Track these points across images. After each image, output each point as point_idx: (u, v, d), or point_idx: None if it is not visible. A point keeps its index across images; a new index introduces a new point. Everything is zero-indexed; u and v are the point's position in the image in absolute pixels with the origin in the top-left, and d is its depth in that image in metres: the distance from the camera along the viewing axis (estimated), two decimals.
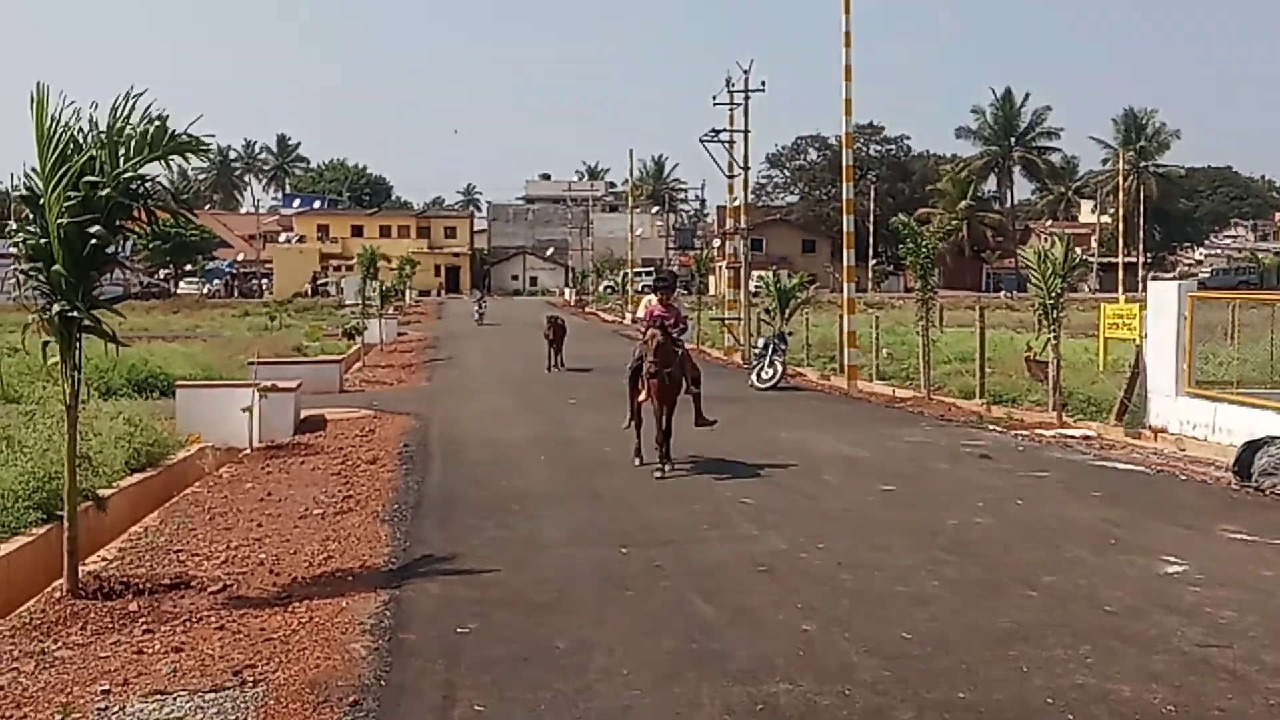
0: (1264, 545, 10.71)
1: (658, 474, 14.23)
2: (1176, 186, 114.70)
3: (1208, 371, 19.31)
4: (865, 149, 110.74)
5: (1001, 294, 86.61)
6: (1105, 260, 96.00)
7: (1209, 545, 10.73)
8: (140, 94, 8.92)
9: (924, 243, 27.34)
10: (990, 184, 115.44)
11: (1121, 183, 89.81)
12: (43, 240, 8.87)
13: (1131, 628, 8.04)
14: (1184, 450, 17.04)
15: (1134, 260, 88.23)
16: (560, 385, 27.52)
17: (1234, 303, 21.90)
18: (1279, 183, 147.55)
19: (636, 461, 15.05)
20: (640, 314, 16.89)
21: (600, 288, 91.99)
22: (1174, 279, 23.81)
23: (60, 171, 8.75)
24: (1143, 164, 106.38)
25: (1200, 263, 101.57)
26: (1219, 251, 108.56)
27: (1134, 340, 21.88)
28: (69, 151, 8.78)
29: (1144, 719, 6.35)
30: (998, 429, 19.70)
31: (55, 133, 8.81)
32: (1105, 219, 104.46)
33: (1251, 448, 14.14)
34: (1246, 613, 8.43)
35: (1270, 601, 8.75)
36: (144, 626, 8.12)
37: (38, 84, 8.91)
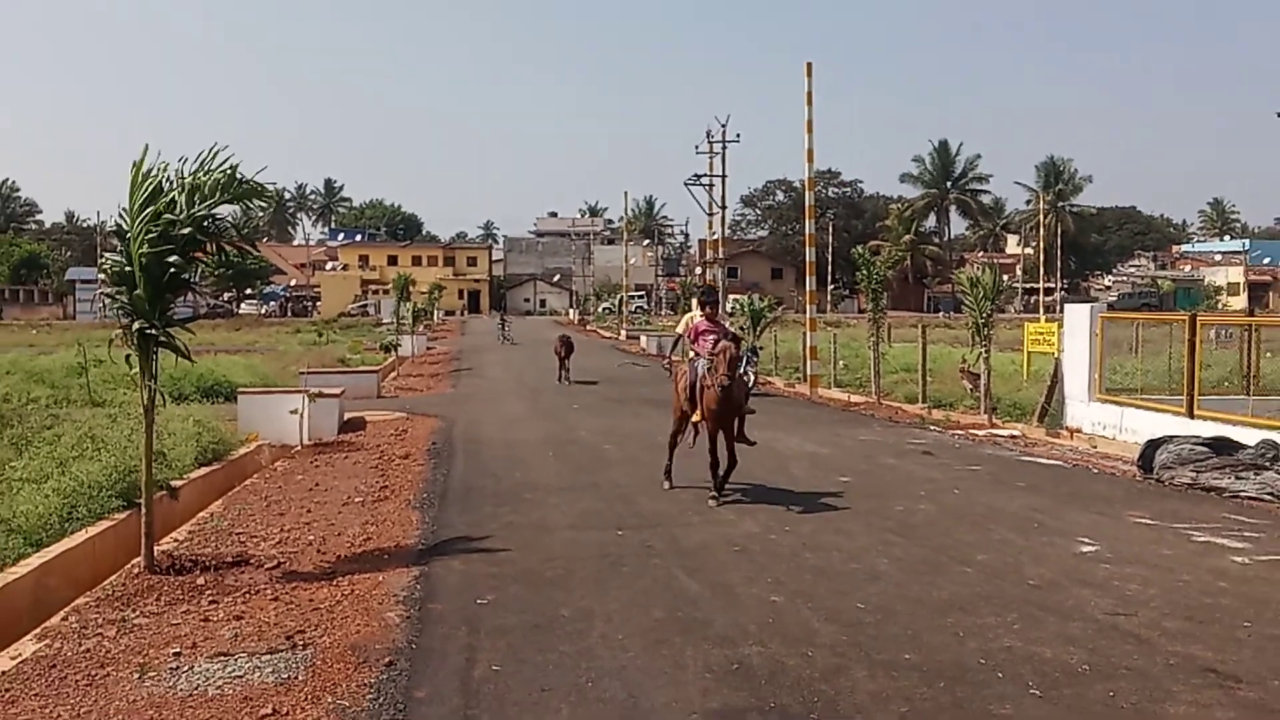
0: (1164, 529, 10.72)
1: (712, 503, 11.79)
2: (1088, 223, 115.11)
3: (1115, 380, 19.35)
4: (825, 191, 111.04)
5: (940, 314, 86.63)
6: (1028, 286, 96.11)
7: (1117, 529, 10.74)
8: (219, 149, 9.10)
9: (875, 271, 27.46)
10: (930, 221, 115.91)
11: (1042, 220, 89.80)
12: (127, 268, 8.94)
13: (1052, 599, 8.06)
14: (1096, 448, 17.08)
15: (1053, 286, 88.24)
16: (566, 394, 27.55)
17: (1137, 322, 21.93)
18: (1176, 220, 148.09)
19: (667, 484, 12.84)
20: (680, 330, 14.01)
21: (599, 309, 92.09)
22: (1086, 302, 23.90)
23: (145, 211, 8.84)
24: (1060, 204, 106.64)
25: (1109, 288, 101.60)
26: (1125, 278, 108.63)
27: (1053, 354, 21.89)
28: (154, 195, 8.88)
29: (1063, 677, 6.37)
30: (938, 429, 19.72)
31: (145, 179, 8.90)
32: (1028, 251, 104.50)
33: (1153, 445, 14.17)
34: (1149, 586, 8.44)
35: (1169, 576, 8.75)
36: (210, 598, 8.14)
37: (145, 146, 9.07)
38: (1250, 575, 8.86)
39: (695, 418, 12.09)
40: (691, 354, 12.51)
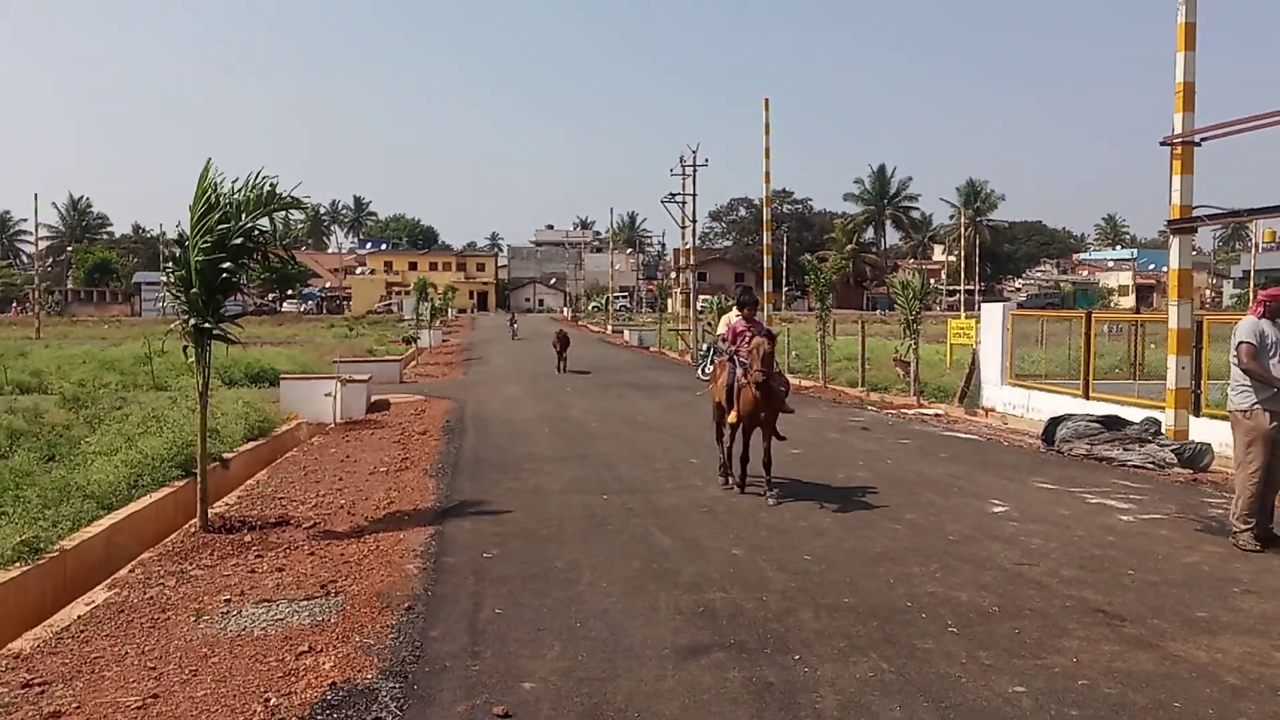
0: (1062, 492, 10.78)
1: (772, 500, 10.02)
2: (1002, 235, 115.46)
3: (1024, 368, 19.44)
4: (780, 207, 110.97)
5: (877, 312, 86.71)
6: (951, 288, 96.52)
7: (1024, 492, 10.80)
8: (263, 170, 9.15)
9: (822, 276, 27.55)
10: (869, 233, 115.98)
11: (962, 232, 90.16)
12: (186, 272, 8.92)
13: (968, 551, 8.10)
14: (1007, 424, 17.18)
15: (972, 288, 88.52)
16: (560, 380, 27.50)
17: (1042, 319, 22.04)
18: (1075, 232, 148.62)
19: (722, 481, 11.06)
20: (721, 330, 12.60)
21: (589, 307, 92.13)
22: (1000, 302, 24.00)
23: (202, 223, 8.85)
24: (978, 219, 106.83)
25: (1019, 290, 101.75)
26: (1032, 282, 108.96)
27: (971, 345, 21.97)
28: (210, 209, 8.88)
29: (976, 617, 6.41)
30: (874, 409, 19.79)
31: (203, 196, 8.92)
32: (951, 258, 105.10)
33: (1054, 422, 14.25)
34: (1049, 540, 8.50)
35: (1067, 532, 8.81)
36: (255, 553, 8.13)
37: (207, 160, 9.08)
38: (1134, 531, 8.93)
39: (731, 418, 10.44)
40: (730, 354, 10.85)
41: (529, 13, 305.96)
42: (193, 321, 8.96)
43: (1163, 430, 13.32)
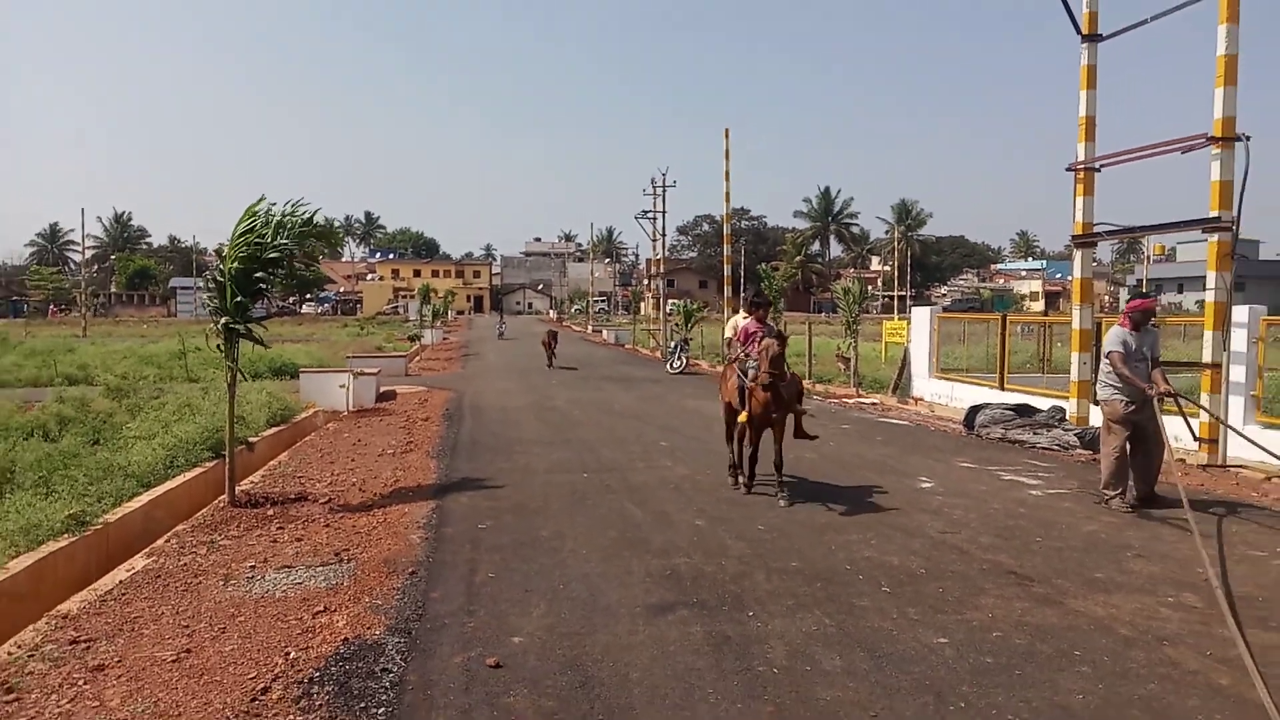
0: (981, 470, 10.87)
1: (783, 502, 8.77)
2: (930, 248, 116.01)
3: (948, 362, 19.58)
4: (739, 223, 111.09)
5: (822, 315, 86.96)
6: (886, 294, 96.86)
7: (948, 470, 10.87)
8: (302, 200, 9.14)
9: (774, 283, 27.70)
10: (816, 246, 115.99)
11: (896, 245, 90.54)
12: (222, 279, 8.87)
13: (899, 522, 8.14)
14: (934, 412, 17.28)
15: (904, 294, 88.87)
16: (547, 374, 27.39)
17: (964, 321, 22.21)
18: (994, 245, 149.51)
19: (732, 481, 9.70)
20: (729, 333, 10.77)
21: (572, 310, 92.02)
22: (928, 306, 24.19)
23: (242, 238, 8.83)
24: (909, 234, 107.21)
25: (944, 295, 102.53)
26: (956, 289, 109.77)
27: (903, 343, 22.09)
28: (251, 227, 8.86)
29: (906, 578, 6.45)
30: (819, 398, 19.83)
31: (249, 216, 8.91)
32: (886, 268, 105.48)
33: (974, 410, 14.35)
34: (969, 512, 8.56)
35: (984, 505, 8.88)
36: (277, 525, 8.05)
37: (262, 196, 9.12)
38: (1042, 504, 9.01)
39: (742, 418, 9.21)
40: (741, 357, 9.54)
41: (521, 52, 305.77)
42: (223, 322, 8.89)
43: (1067, 417, 13.45)
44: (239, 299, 8.78)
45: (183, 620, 5.64)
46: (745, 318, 9.99)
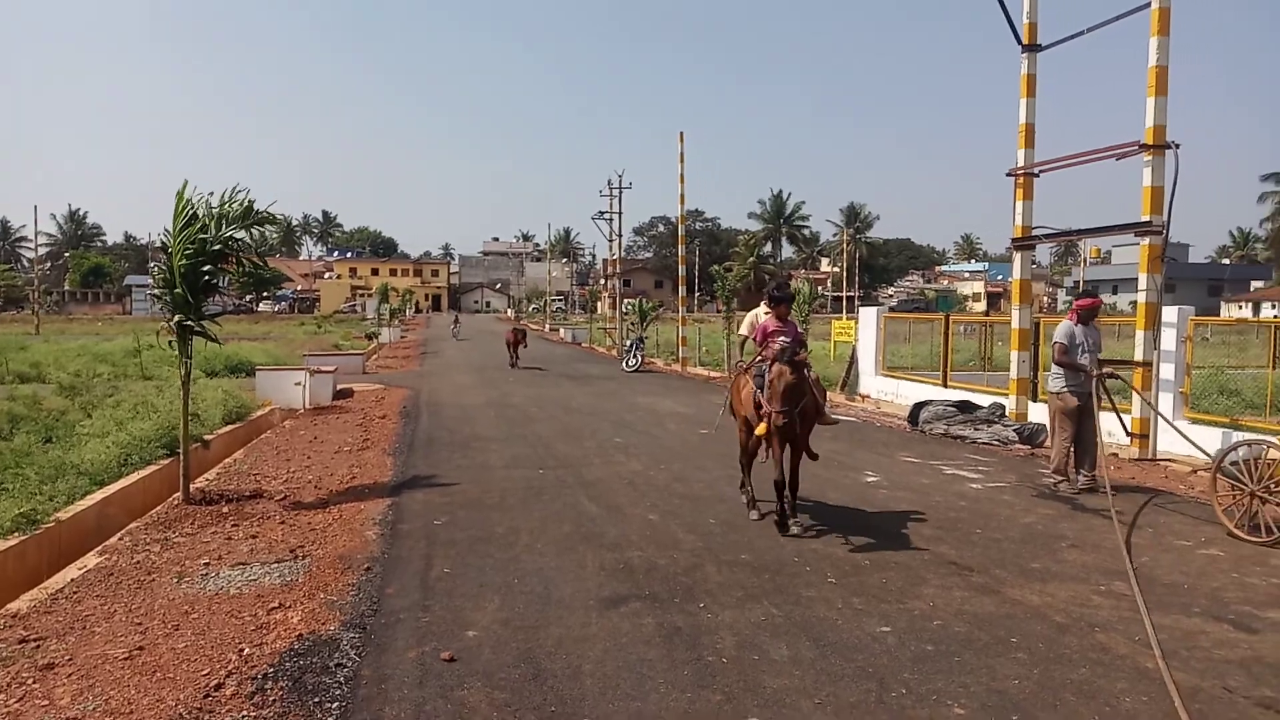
0: (924, 465, 11.02)
1: (795, 529, 7.46)
2: (878, 250, 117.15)
3: (894, 360, 19.82)
4: (693, 225, 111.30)
5: None
6: (835, 294, 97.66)
7: (892, 464, 11.01)
8: (239, 186, 8.91)
9: (727, 283, 27.83)
10: (768, 247, 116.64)
11: (845, 247, 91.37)
12: (169, 275, 8.67)
13: (846, 515, 8.23)
14: (880, 408, 17.47)
15: (852, 294, 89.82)
16: (504, 370, 27.23)
17: (909, 320, 22.50)
18: (938, 248, 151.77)
19: (754, 515, 8.10)
20: (744, 331, 9.26)
21: (530, 309, 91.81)
22: (875, 306, 24.51)
23: (184, 232, 8.61)
24: (858, 236, 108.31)
25: (891, 296, 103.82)
26: (902, 289, 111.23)
27: (851, 342, 22.31)
28: (191, 220, 8.64)
29: (851, 569, 6.52)
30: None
31: (185, 208, 8.68)
32: (835, 269, 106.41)
33: (918, 406, 14.55)
34: (913, 505, 8.68)
35: (927, 498, 9.02)
36: (232, 522, 7.91)
37: (185, 181, 8.83)
38: (982, 497, 9.17)
39: (759, 430, 7.70)
40: (757, 361, 8.11)
41: (478, 55, 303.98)
42: (176, 319, 8.71)
43: (1006, 413, 13.70)
44: (188, 296, 8.59)
45: (135, 618, 5.52)
46: (766, 313, 8.44)
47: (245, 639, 5.15)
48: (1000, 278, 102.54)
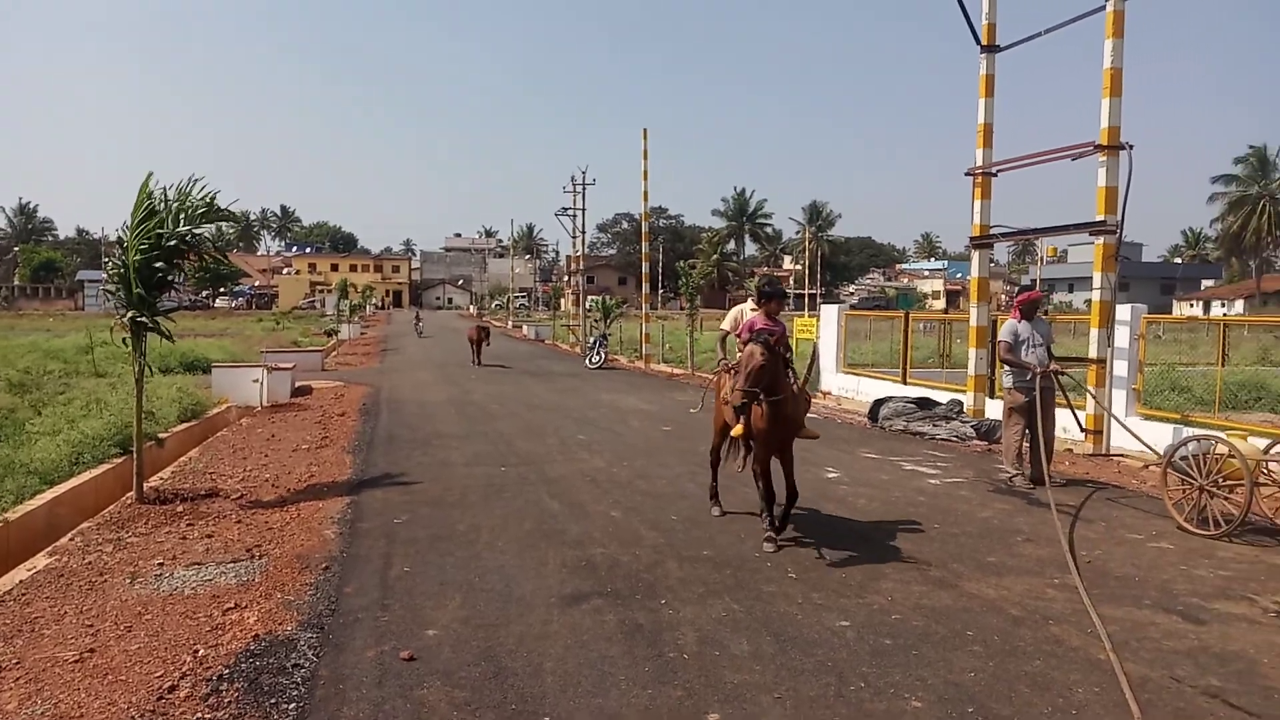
0: (884, 461, 11.13)
1: (768, 544, 6.88)
2: (839, 248, 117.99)
3: (854, 358, 20.00)
4: (657, 222, 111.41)
5: None
6: (797, 292, 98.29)
7: (853, 461, 11.10)
8: (197, 177, 8.71)
9: (691, 280, 27.84)
10: (731, 245, 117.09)
11: (807, 245, 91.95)
12: (124, 271, 8.50)
13: (806, 510, 8.24)
14: (841, 405, 17.62)
15: (814, 292, 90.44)
16: (465, 367, 27.06)
17: (870, 318, 22.69)
18: (899, 246, 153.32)
19: (716, 510, 8.07)
20: (727, 326, 8.57)
21: (493, 305, 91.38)
22: (836, 304, 24.68)
23: (141, 227, 8.44)
24: (820, 234, 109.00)
25: (852, 294, 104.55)
26: (863, 287, 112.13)
27: (813, 339, 22.47)
28: (150, 214, 8.48)
29: (811, 564, 6.56)
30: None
31: (144, 202, 8.50)
32: (797, 267, 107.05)
33: (878, 403, 14.70)
34: (872, 501, 8.77)
35: (886, 493, 9.10)
36: (187, 521, 7.78)
37: (148, 174, 8.66)
38: (940, 492, 9.28)
39: (735, 432, 7.26)
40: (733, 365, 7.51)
41: (440, 52, 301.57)
42: (129, 315, 8.54)
43: (964, 409, 13.88)
44: (142, 291, 8.43)
45: (86, 620, 5.41)
46: (753, 309, 7.90)
47: (200, 640, 5.07)
48: (959, 276, 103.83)
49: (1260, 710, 4.30)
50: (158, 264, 8.54)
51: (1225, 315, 54.09)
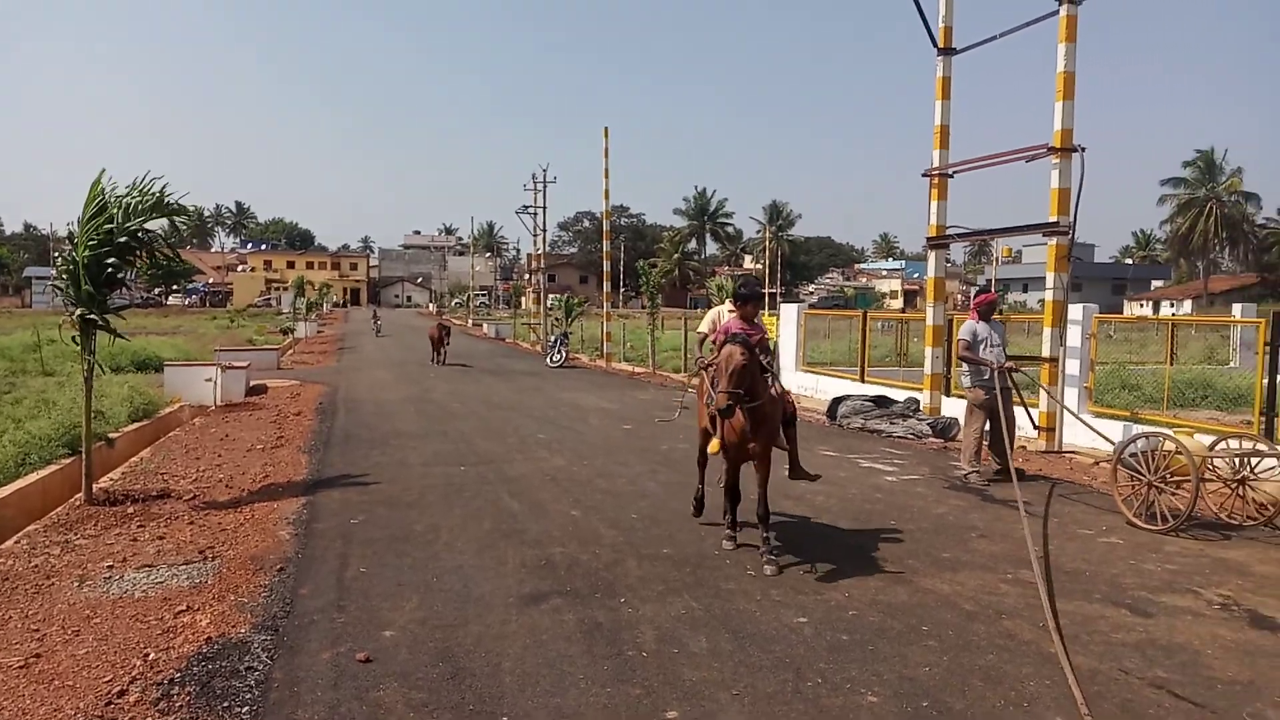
0: (842, 458, 11.23)
1: (770, 569, 6.32)
2: (799, 248, 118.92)
3: (814, 356, 20.15)
4: (618, 220, 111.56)
5: (698, 310, 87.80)
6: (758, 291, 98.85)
7: (812, 458, 11.06)
8: (152, 175, 8.58)
9: (652, 279, 27.82)
10: (692, 244, 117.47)
11: (767, 245, 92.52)
12: (73, 267, 8.32)
13: None
14: (800, 403, 17.72)
15: (774, 291, 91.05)
16: (427, 366, 26.84)
17: (829, 316, 22.90)
18: (857, 246, 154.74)
19: (694, 511, 7.99)
20: (704, 329, 8.67)
21: (453, 304, 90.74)
22: (796, 303, 24.89)
23: (92, 222, 8.27)
24: (780, 234, 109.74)
25: (811, 293, 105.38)
26: (823, 287, 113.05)
27: (773, 338, 22.60)
28: (101, 210, 8.32)
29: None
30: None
31: (95, 198, 8.32)
32: (758, 266, 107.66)
33: (837, 401, 14.84)
34: (830, 498, 8.84)
35: (844, 491, 9.19)
36: (138, 523, 7.63)
37: (101, 170, 8.48)
38: (897, 489, 9.39)
39: (712, 448, 7.07)
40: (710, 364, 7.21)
41: (397, 51, 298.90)
42: (78, 313, 8.35)
43: (921, 407, 14.05)
44: (90, 289, 8.25)
45: (32, 624, 5.28)
46: (730, 311, 7.67)
47: (151, 644, 4.97)
48: (917, 275, 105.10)
49: (1204, 700, 4.40)
50: (108, 261, 8.36)
51: (1174, 315, 55.35)
